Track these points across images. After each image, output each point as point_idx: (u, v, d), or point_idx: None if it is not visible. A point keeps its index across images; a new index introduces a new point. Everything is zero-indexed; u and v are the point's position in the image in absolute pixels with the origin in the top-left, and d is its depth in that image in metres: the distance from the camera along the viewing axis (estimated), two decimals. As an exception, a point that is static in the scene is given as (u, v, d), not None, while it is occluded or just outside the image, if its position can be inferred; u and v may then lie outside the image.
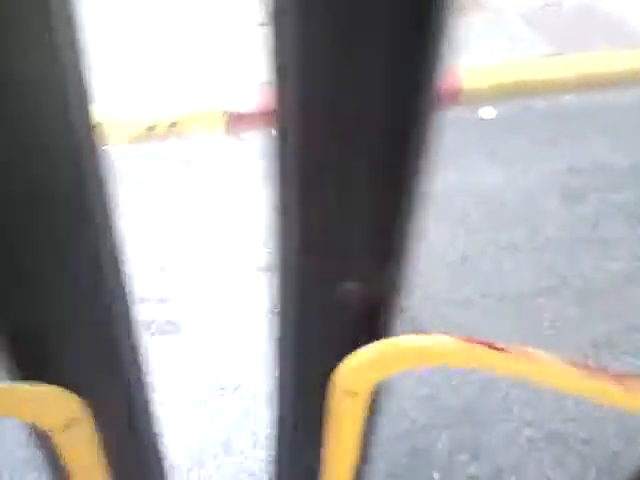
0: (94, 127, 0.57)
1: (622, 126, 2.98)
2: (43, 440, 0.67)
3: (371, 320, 0.66)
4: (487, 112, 3.12)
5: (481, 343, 0.64)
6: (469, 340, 0.64)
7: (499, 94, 3.17)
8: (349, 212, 0.58)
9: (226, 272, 2.22)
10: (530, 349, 0.66)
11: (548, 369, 0.65)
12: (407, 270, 0.65)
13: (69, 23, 0.51)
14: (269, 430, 0.84)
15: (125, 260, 0.67)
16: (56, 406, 0.63)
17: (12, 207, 0.54)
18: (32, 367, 0.63)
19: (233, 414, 1.73)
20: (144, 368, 0.74)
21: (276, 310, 0.68)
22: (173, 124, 2.87)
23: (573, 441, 1.74)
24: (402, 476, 1.66)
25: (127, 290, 0.69)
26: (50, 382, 0.62)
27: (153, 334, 1.96)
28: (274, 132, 0.55)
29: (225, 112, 2.90)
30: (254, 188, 2.63)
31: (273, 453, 0.84)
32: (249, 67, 3.15)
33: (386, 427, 1.68)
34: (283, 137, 0.55)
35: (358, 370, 0.65)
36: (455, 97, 3.12)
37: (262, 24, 0.52)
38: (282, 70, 0.52)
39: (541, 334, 2.04)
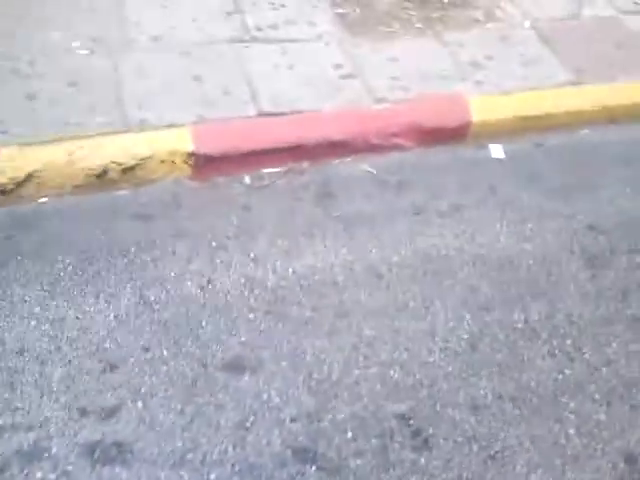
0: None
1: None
2: None
3: None
4: (496, 151, 2.92)
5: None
6: None
7: (509, 129, 2.97)
8: None
9: (190, 369, 1.99)
10: None
11: None
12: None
13: None
14: None
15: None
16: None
17: None
18: None
19: None
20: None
21: None
22: (128, 169, 2.61)
23: None
24: None
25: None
26: None
27: (96, 461, 1.73)
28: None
29: (192, 154, 2.65)
30: (226, 247, 2.40)
31: None
32: (220, 99, 2.90)
33: None
34: None
35: None
36: (464, 132, 2.91)
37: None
38: None
39: (566, 444, 1.85)
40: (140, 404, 1.90)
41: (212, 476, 1.72)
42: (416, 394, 1.94)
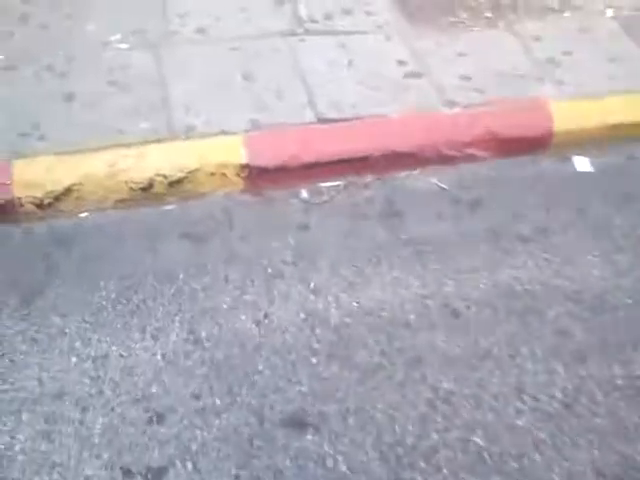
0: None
1: None
2: None
3: None
4: (582, 164, 2.59)
5: None
6: None
7: (597, 138, 2.63)
8: None
9: (246, 423, 1.76)
10: None
11: None
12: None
13: None
14: None
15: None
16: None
17: None
18: None
19: None
20: None
21: None
22: (175, 182, 2.37)
23: None
24: None
25: None
26: None
27: None
28: None
29: (244, 166, 2.39)
30: (283, 274, 2.14)
31: None
32: (275, 102, 2.62)
33: None
34: None
35: None
36: (546, 142, 2.58)
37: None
38: None
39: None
40: (190, 465, 1.68)
41: None
42: (504, 466, 1.66)
